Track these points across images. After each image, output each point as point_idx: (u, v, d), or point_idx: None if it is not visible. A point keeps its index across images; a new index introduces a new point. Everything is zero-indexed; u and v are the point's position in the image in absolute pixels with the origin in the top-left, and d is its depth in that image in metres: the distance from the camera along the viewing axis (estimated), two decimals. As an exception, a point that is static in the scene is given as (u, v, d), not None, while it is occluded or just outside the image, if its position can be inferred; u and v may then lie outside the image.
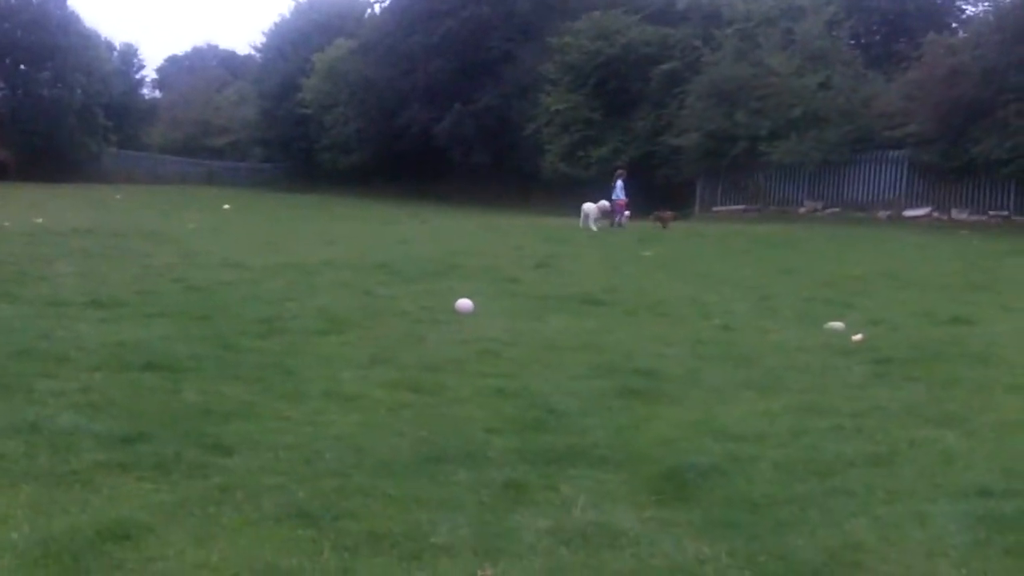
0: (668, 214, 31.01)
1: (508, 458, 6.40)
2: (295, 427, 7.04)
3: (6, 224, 24.90)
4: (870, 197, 36.45)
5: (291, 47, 68.85)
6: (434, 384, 8.68)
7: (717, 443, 6.87)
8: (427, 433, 6.94)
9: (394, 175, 57.52)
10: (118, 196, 44.32)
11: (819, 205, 37.45)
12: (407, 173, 57.08)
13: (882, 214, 34.92)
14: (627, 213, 32.08)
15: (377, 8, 67.33)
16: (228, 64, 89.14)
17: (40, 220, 26.79)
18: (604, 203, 30.35)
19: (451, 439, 6.78)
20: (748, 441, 7.01)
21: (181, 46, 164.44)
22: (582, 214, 29.62)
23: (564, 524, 5.22)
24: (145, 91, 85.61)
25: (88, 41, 68.46)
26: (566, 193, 45.13)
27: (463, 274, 17.10)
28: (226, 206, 39.66)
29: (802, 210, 37.48)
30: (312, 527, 5.08)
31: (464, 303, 12.93)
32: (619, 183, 32.51)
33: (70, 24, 66.19)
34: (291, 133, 66.24)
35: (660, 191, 31.77)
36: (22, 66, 65.33)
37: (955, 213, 33.85)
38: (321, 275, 16.41)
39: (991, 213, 33.01)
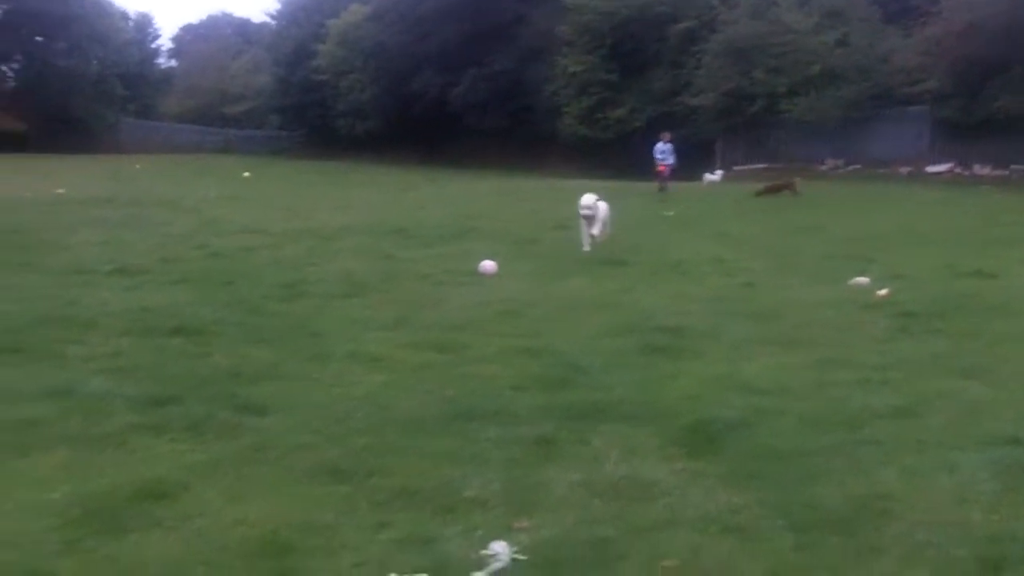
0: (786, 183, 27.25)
1: (536, 415, 6.44)
2: (323, 388, 7.10)
3: (27, 194, 25.02)
4: (891, 153, 36.21)
5: (305, 13, 68.53)
6: (457, 344, 8.72)
7: (742, 397, 6.90)
8: (453, 392, 6.98)
9: (409, 140, 57.33)
10: (137, 166, 44.39)
11: (840, 162, 37.27)
12: (422, 138, 56.91)
13: (903, 170, 34.72)
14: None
15: (391, -28, 66.89)
16: (243, 32, 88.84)
17: (61, 190, 26.88)
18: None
19: (477, 397, 6.82)
20: (773, 394, 7.03)
21: (196, 14, 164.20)
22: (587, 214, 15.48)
23: (595, 477, 5.26)
24: (160, 60, 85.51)
25: (103, 11, 68.40)
26: (583, 155, 45.06)
27: (481, 237, 17.12)
28: (246, 174, 39.68)
29: (823, 167, 37.30)
30: (346, 483, 5.14)
31: (488, 264, 12.97)
32: (661, 145, 30.33)
33: (85, -6, 66.09)
34: (306, 100, 66.02)
35: (679, 152, 31.56)
36: (37, 37, 65.35)
37: (977, 168, 33.67)
38: (341, 240, 16.45)
39: (1013, 167, 32.78)
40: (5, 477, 5.21)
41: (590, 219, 15.33)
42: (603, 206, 15.55)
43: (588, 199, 15.33)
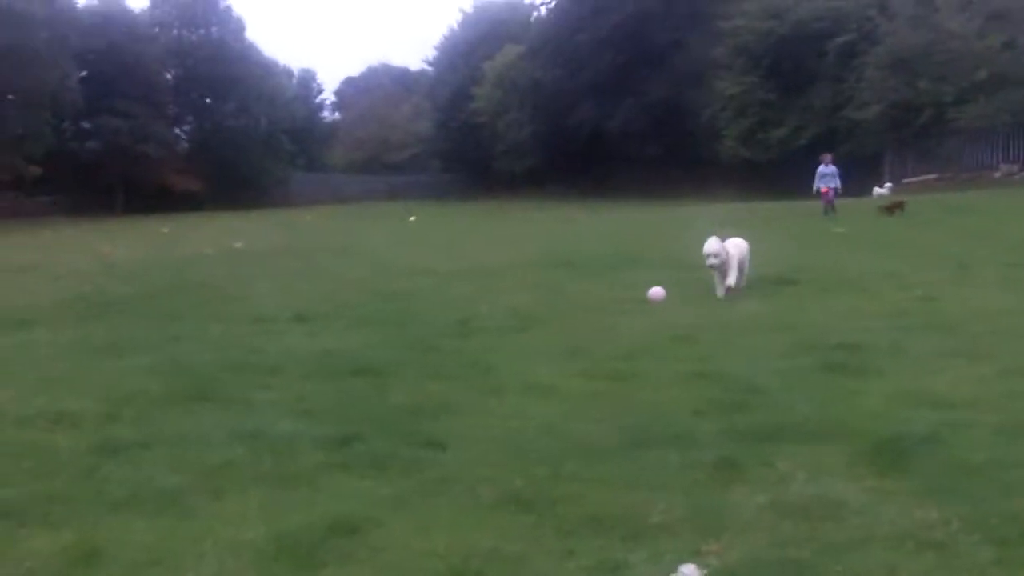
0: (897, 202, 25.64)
1: (716, 438, 6.36)
2: (501, 420, 7.15)
3: (208, 250, 26.06)
4: (1070, 155, 34.76)
5: (461, 58, 70.06)
6: (631, 371, 8.68)
7: (931, 412, 6.69)
8: (631, 419, 6.94)
9: (569, 174, 57.81)
10: (308, 217, 45.80)
11: (1015, 168, 35.88)
12: (581, 171, 57.31)
13: (1082, 172, 33.24)
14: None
15: (543, 10, 67.74)
16: (402, 81, 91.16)
17: (239, 244, 27.91)
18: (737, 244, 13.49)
19: (656, 423, 6.77)
20: (962, 408, 6.80)
21: (356, 67, 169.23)
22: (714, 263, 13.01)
23: (782, 499, 5.17)
24: (325, 114, 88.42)
25: (268, 70, 71.20)
26: (745, 178, 44.55)
27: (647, 265, 17.04)
28: (412, 218, 40.54)
29: (997, 174, 35.98)
30: (530, 513, 5.16)
31: (657, 292, 12.91)
32: (823, 168, 28.32)
33: (250, 55, 68.96)
34: (466, 142, 67.36)
35: (845, 168, 30.82)
36: (207, 99, 68.35)
37: None
38: (508, 276, 16.61)
39: None
40: (203, 518, 5.40)
41: (719, 268, 12.98)
42: (739, 247, 13.36)
43: (713, 245, 12.85)
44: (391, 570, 4.52)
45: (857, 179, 33.90)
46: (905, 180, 38.25)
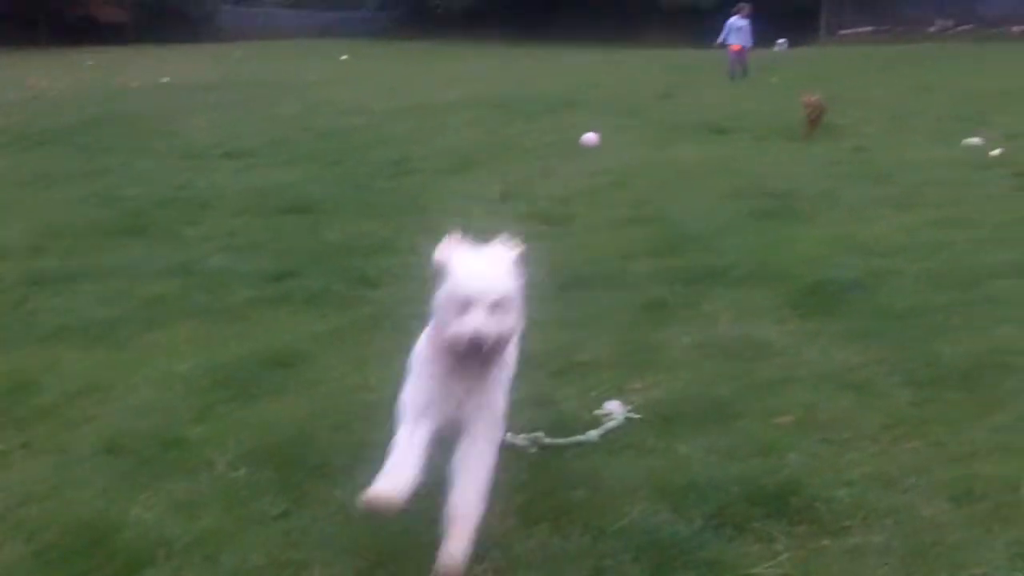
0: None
1: (647, 281, 6.45)
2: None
3: (134, 84, 25.42)
4: (1004, 12, 34.75)
5: None
6: (565, 215, 8.74)
7: (858, 258, 6.82)
8: (564, 261, 6.98)
9: (507, 16, 56.58)
10: (238, 53, 44.63)
11: (950, 23, 35.89)
12: (520, 13, 56.10)
13: (1016, 29, 33.32)
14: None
15: None
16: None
17: (165, 79, 27.22)
18: None
19: (588, 266, 6.85)
20: (889, 255, 6.94)
21: None
22: None
23: (708, 338, 5.27)
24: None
25: None
26: (685, 25, 44.06)
27: (585, 109, 16.95)
28: (343, 56, 39.72)
29: (932, 29, 35.98)
30: (463, 349, 5.21)
31: (590, 136, 12.88)
32: (736, 19, 24.47)
33: None
34: (403, -22, 65.54)
35: (780, 18, 30.49)
36: (135, -76, 65.47)
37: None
38: (444, 116, 16.45)
39: None
40: (137, 350, 5.41)
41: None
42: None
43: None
44: (324, 402, 4.57)
45: (795, 30, 33.69)
46: (841, 32, 38.14)
